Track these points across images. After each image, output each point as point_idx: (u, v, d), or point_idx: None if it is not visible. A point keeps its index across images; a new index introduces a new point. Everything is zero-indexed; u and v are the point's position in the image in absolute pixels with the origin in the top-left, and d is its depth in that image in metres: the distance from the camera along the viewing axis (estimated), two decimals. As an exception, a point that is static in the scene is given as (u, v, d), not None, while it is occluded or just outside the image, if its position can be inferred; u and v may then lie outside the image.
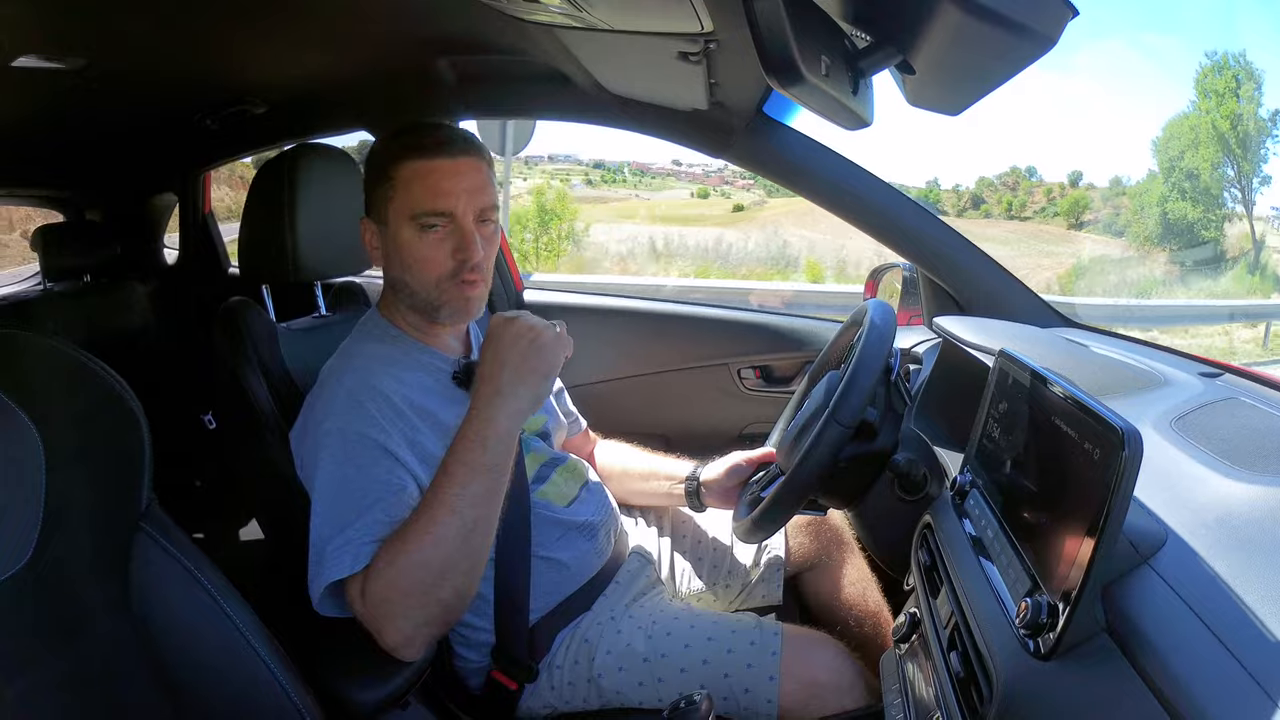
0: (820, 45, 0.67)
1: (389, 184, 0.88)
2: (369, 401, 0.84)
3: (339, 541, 0.78)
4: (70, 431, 0.62)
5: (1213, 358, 1.00)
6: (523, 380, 0.84)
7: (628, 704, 0.93)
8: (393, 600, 0.76)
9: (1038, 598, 0.51)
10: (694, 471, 1.14)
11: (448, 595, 0.78)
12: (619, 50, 0.99)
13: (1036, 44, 0.60)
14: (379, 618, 0.77)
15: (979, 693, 0.55)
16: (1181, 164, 15.90)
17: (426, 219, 0.86)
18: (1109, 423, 0.48)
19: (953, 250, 1.26)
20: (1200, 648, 0.44)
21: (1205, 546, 0.53)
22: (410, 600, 0.77)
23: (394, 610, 0.76)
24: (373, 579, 0.76)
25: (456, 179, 0.87)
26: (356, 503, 0.80)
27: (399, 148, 0.88)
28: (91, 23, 1.04)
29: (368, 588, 0.76)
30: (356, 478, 0.81)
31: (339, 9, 1.06)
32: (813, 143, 1.24)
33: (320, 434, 0.84)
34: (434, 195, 0.86)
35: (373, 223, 0.92)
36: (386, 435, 0.83)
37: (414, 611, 0.77)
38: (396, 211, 0.88)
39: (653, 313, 1.64)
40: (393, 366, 0.89)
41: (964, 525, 0.71)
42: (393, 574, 0.76)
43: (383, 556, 0.77)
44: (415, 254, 0.88)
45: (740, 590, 1.15)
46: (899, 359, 1.16)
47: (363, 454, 0.82)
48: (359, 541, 0.78)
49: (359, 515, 0.79)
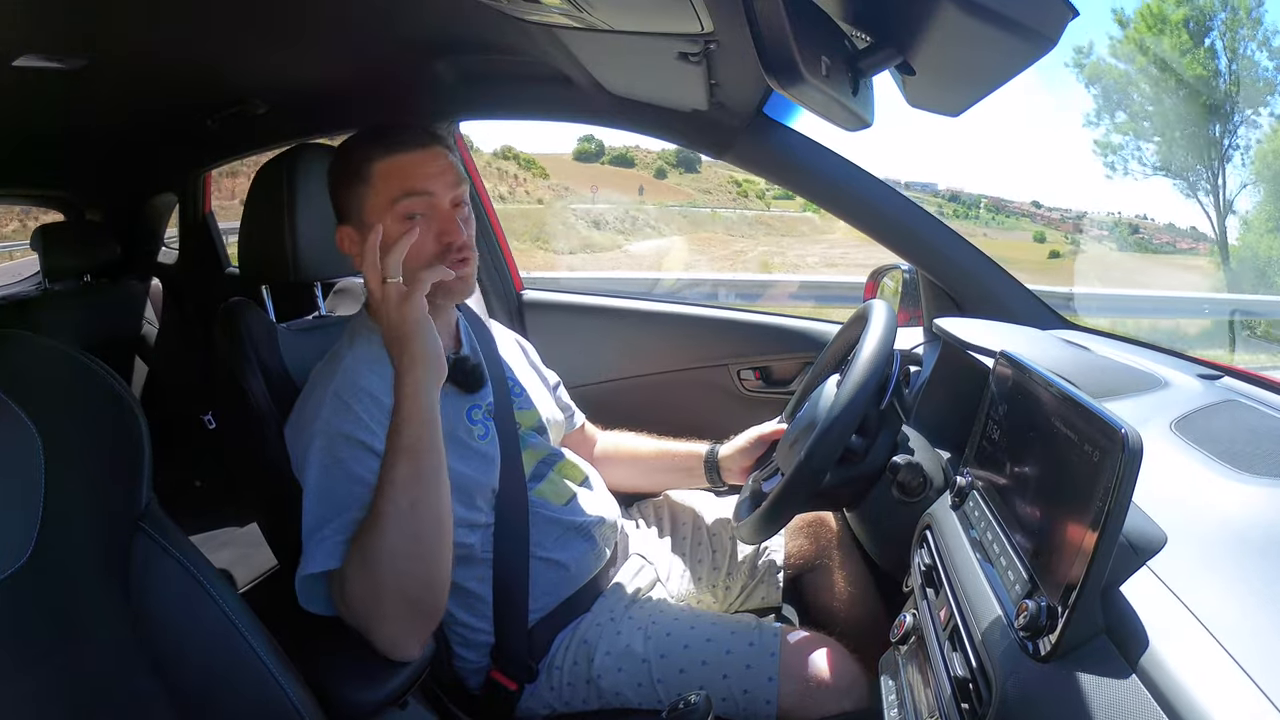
0: (820, 46, 0.66)
1: (364, 184, 0.88)
2: (355, 402, 0.84)
3: (316, 538, 0.79)
4: (70, 431, 0.62)
5: (1213, 359, 1.00)
6: (403, 349, 0.82)
7: (627, 705, 0.93)
8: (366, 597, 0.77)
9: (1037, 600, 0.51)
10: (711, 449, 1.15)
11: (412, 586, 0.78)
12: (619, 51, 0.99)
13: (1037, 44, 0.60)
14: (360, 616, 0.77)
15: (978, 694, 0.55)
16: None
17: (407, 205, 0.87)
18: (1109, 425, 0.48)
19: (952, 251, 1.26)
20: (1200, 650, 0.44)
21: (1205, 549, 0.53)
22: (381, 595, 0.77)
23: (370, 608, 0.77)
24: (347, 578, 0.77)
25: (429, 165, 0.89)
26: (337, 501, 0.81)
27: (368, 148, 0.89)
28: (91, 22, 1.04)
29: (346, 587, 0.77)
30: (340, 478, 0.82)
31: (339, 9, 1.06)
32: (813, 144, 1.23)
33: (309, 435, 0.84)
34: (411, 180, 0.87)
35: (350, 228, 0.91)
36: (373, 435, 0.83)
37: (388, 607, 0.77)
38: (375, 208, 0.88)
39: (651, 313, 1.64)
40: (379, 364, 0.87)
41: (963, 527, 0.71)
42: (360, 571, 0.77)
43: (353, 555, 0.78)
44: (401, 243, 0.87)
45: (739, 591, 1.15)
46: (898, 361, 1.16)
47: (347, 454, 0.82)
48: (334, 540, 0.79)
49: (337, 514, 0.80)
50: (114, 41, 1.13)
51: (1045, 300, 1.25)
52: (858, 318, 1.05)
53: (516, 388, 1.06)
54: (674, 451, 1.20)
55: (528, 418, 1.05)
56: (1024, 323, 1.17)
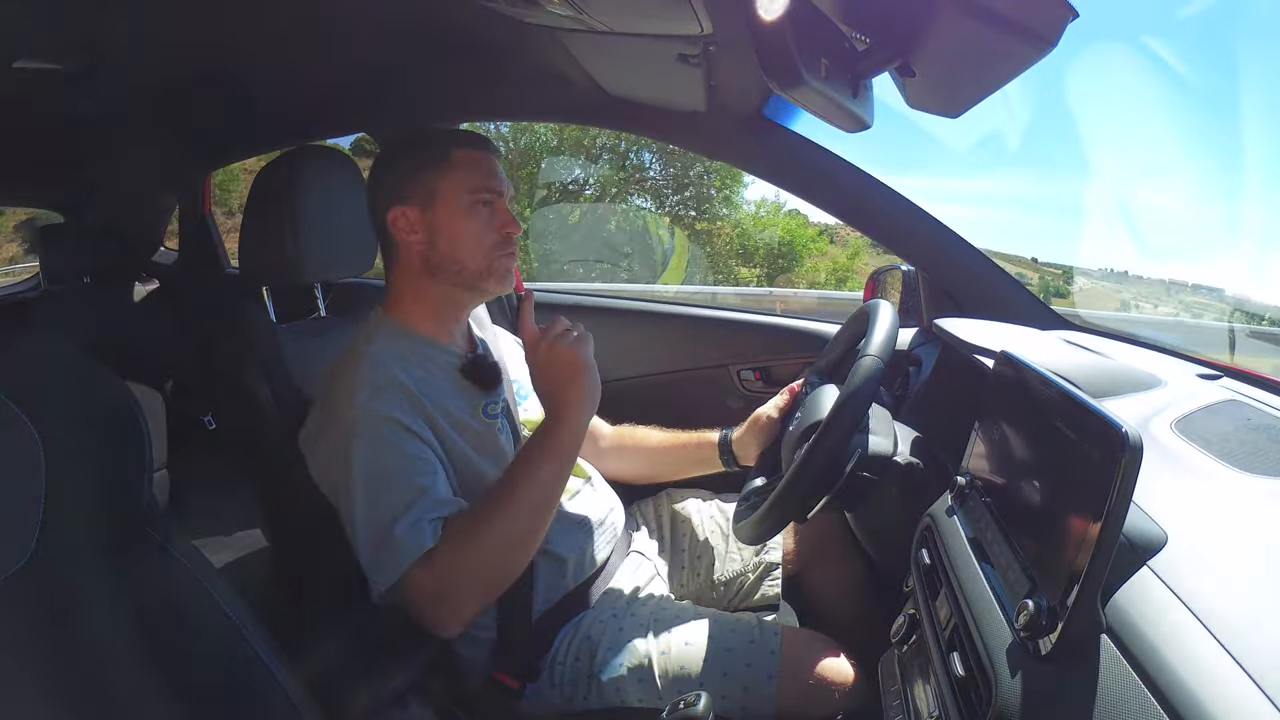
0: (820, 48, 0.67)
1: (444, 164, 0.94)
2: (388, 389, 0.86)
3: (406, 523, 0.81)
4: (70, 433, 0.62)
5: (1213, 359, 1.00)
6: (567, 404, 0.87)
7: (628, 702, 0.93)
8: (458, 578, 0.81)
9: (1037, 599, 0.51)
10: (724, 433, 1.17)
11: (503, 578, 0.84)
12: (619, 52, 0.99)
13: (1037, 46, 0.60)
14: (441, 594, 0.80)
15: (978, 694, 0.55)
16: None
17: (485, 194, 0.94)
18: (1109, 424, 0.48)
19: (952, 251, 1.26)
20: (1200, 649, 0.44)
21: (1205, 548, 0.53)
22: (476, 577, 0.81)
23: (457, 588, 0.81)
24: (438, 557, 0.80)
25: (497, 168, 0.98)
26: (408, 482, 0.83)
27: (449, 138, 0.97)
28: (91, 24, 1.04)
29: (437, 561, 0.80)
30: (399, 460, 0.84)
31: (340, 12, 1.06)
32: (812, 145, 1.24)
33: (344, 427, 0.85)
34: (490, 175, 0.96)
35: (413, 208, 0.94)
36: (411, 418, 0.86)
37: (473, 588, 0.82)
38: (452, 188, 0.93)
39: (652, 314, 1.64)
40: (402, 360, 0.90)
41: (963, 527, 0.71)
42: (456, 554, 0.80)
43: (452, 535, 0.82)
44: (470, 226, 0.94)
45: (739, 590, 1.16)
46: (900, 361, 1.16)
47: (395, 436, 0.85)
48: (425, 519, 0.82)
49: (419, 494, 0.83)
50: (114, 43, 1.13)
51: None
52: (859, 317, 1.05)
53: (522, 390, 1.08)
54: (685, 441, 1.20)
55: (532, 420, 1.06)
56: (1023, 323, 1.17)
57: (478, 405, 0.97)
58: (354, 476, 0.83)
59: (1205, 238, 15.72)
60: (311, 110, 1.58)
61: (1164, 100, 12.97)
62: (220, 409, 1.19)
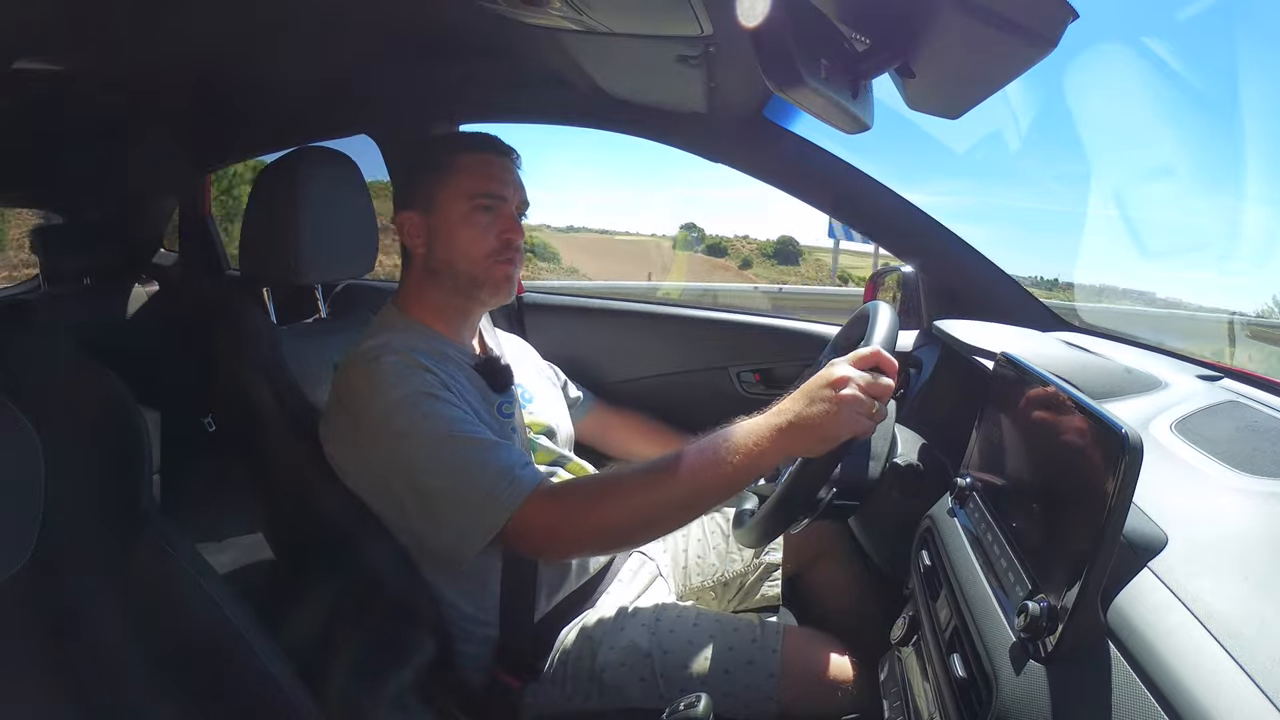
0: (820, 48, 0.67)
1: (444, 171, 0.95)
2: (415, 368, 0.87)
3: (496, 466, 0.81)
4: (70, 433, 0.62)
5: (1213, 359, 1.00)
6: (803, 430, 0.77)
7: (629, 701, 0.93)
8: (593, 526, 0.81)
9: (1038, 601, 0.51)
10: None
11: (636, 537, 0.89)
12: (619, 53, 0.99)
13: (1037, 47, 0.60)
14: (561, 529, 0.81)
15: (978, 695, 0.55)
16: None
17: (484, 199, 0.95)
18: (1110, 426, 0.48)
19: (953, 253, 1.26)
20: (1201, 650, 0.44)
21: (1205, 549, 0.52)
22: (611, 531, 0.82)
23: (584, 535, 0.83)
24: (568, 495, 0.84)
25: (506, 171, 0.98)
26: (473, 432, 0.84)
27: (454, 142, 0.98)
28: (91, 25, 1.04)
29: (559, 504, 0.81)
30: (453, 424, 0.84)
31: (340, 12, 1.06)
32: (812, 146, 1.24)
33: (383, 410, 0.84)
34: (490, 179, 0.96)
35: (416, 213, 0.96)
36: (442, 391, 0.87)
37: (599, 539, 0.85)
38: (452, 194, 0.94)
39: (651, 315, 1.64)
40: (424, 355, 0.91)
41: (964, 528, 0.71)
42: (598, 507, 0.81)
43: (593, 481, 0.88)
44: (467, 232, 0.95)
45: (740, 590, 1.16)
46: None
47: (436, 408, 0.85)
48: (519, 464, 0.83)
49: (491, 443, 0.83)
50: (114, 44, 1.13)
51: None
52: (859, 318, 1.05)
53: (526, 393, 1.09)
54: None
55: (537, 422, 1.07)
56: (1023, 324, 1.17)
57: (493, 403, 0.98)
58: (415, 452, 0.83)
59: (1204, 238, 15.73)
60: (312, 111, 1.58)
61: (1164, 100, 12.95)
62: (220, 411, 1.19)
